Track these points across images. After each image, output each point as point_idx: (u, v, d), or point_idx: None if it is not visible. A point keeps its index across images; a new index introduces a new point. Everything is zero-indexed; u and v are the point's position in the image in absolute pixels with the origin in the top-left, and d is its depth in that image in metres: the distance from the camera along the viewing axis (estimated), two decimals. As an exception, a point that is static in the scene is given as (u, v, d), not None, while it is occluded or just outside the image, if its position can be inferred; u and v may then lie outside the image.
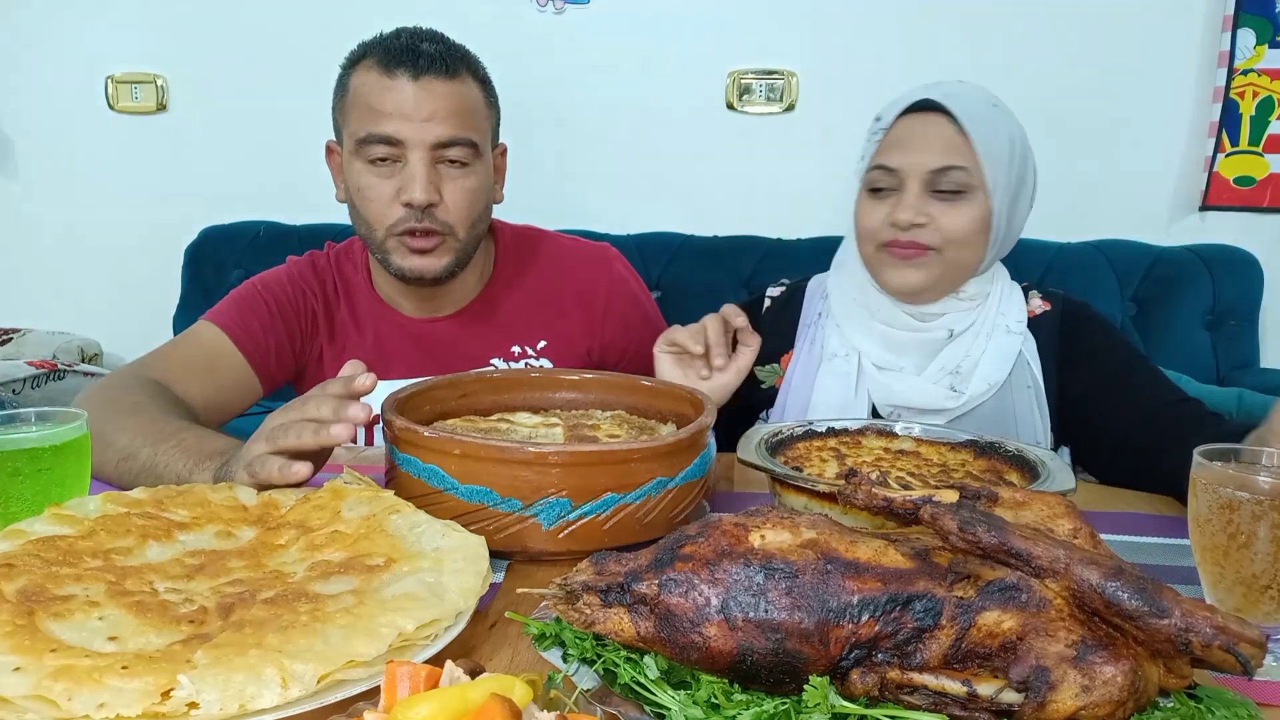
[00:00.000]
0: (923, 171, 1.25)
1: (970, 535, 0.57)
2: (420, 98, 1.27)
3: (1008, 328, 1.31)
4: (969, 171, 1.24)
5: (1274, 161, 2.68)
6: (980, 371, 1.28)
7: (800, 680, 0.57)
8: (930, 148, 1.25)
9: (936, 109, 1.26)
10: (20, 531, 0.75)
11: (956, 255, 1.27)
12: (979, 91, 1.30)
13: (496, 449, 0.83)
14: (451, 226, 1.32)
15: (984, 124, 1.25)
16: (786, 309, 1.46)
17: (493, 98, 1.38)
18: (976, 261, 1.30)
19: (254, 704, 0.56)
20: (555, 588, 0.63)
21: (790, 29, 2.77)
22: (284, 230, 2.72)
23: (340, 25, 2.78)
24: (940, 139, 1.25)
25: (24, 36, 2.86)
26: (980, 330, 1.31)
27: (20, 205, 2.96)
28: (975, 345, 1.30)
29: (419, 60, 1.27)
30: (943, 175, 1.24)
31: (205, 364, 1.34)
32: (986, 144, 1.24)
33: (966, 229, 1.25)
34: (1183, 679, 0.56)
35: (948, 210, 1.25)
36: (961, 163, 1.24)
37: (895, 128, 1.29)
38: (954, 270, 1.29)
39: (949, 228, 1.25)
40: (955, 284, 1.31)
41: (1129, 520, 1.05)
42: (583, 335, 1.48)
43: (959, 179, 1.24)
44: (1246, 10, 2.61)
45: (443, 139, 1.28)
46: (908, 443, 1.07)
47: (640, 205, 2.81)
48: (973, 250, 1.28)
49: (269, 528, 0.84)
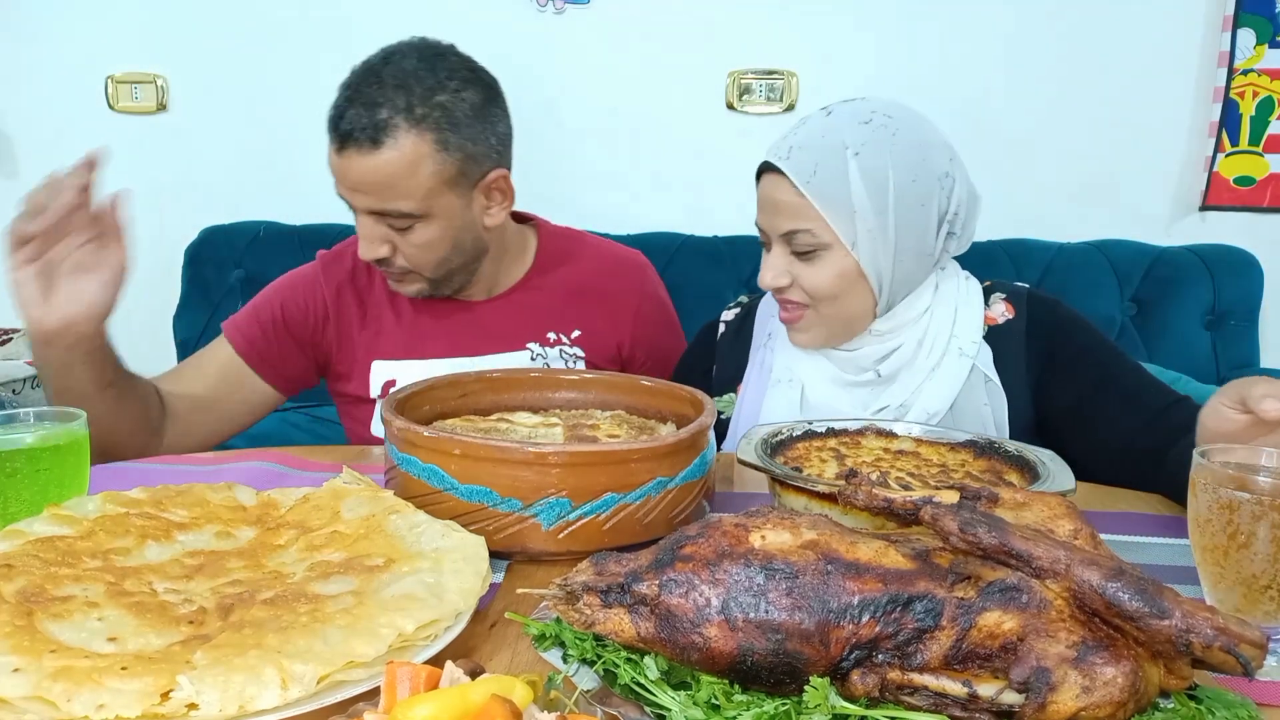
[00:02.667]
0: (777, 234, 1.22)
1: (971, 536, 0.57)
2: (343, 170, 1.29)
3: (960, 350, 1.25)
4: (813, 233, 1.19)
5: (1274, 161, 2.68)
6: (920, 403, 1.24)
7: (801, 681, 0.57)
8: (775, 210, 1.21)
9: (777, 169, 1.21)
10: (19, 532, 0.75)
11: (832, 310, 1.23)
12: (836, 134, 1.19)
13: (496, 449, 0.83)
14: (411, 269, 1.37)
15: (828, 178, 1.17)
16: (739, 335, 1.44)
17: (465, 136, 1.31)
18: (864, 307, 1.23)
19: (254, 705, 0.56)
20: (555, 588, 0.63)
21: (790, 29, 2.77)
22: (284, 230, 2.72)
23: (340, 25, 2.79)
24: (781, 202, 1.20)
25: (24, 36, 2.86)
26: (923, 366, 1.25)
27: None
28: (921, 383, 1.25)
29: (339, 132, 1.28)
30: (793, 238, 1.20)
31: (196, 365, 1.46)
32: (830, 201, 1.17)
33: (830, 285, 1.20)
34: (1183, 680, 0.56)
35: (807, 269, 1.21)
36: (804, 225, 1.19)
37: (759, 187, 1.25)
38: (839, 322, 1.25)
39: (811, 286, 1.21)
40: (852, 331, 1.26)
41: (1129, 520, 1.05)
42: (614, 331, 1.51)
43: (806, 241, 1.19)
44: (1246, 10, 2.61)
45: (370, 208, 1.30)
46: (907, 443, 1.06)
47: (640, 205, 2.81)
48: (850, 299, 1.22)
49: (268, 528, 0.84)
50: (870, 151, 1.18)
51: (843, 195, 1.17)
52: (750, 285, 2.59)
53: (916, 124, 1.23)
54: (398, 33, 2.15)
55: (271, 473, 1.13)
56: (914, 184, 1.19)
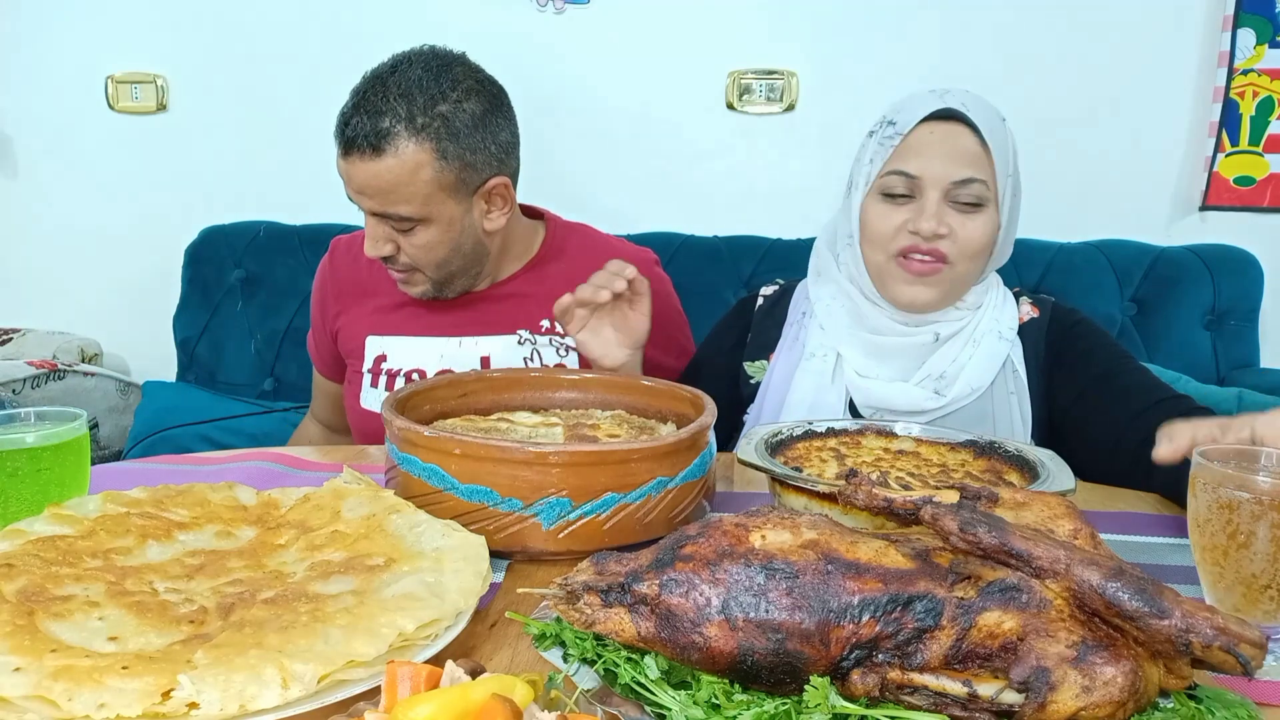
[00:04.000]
0: (945, 182, 1.23)
1: (971, 536, 0.57)
2: (349, 174, 1.35)
3: (1000, 334, 1.31)
4: (987, 185, 1.24)
5: (1274, 161, 2.68)
6: (965, 376, 1.28)
7: (801, 680, 0.57)
8: (953, 157, 1.24)
9: (956, 118, 1.25)
10: (20, 531, 0.75)
11: (967, 268, 1.28)
12: (988, 103, 1.29)
13: (497, 449, 0.83)
14: (415, 268, 1.42)
15: (998, 136, 1.26)
16: (776, 307, 1.48)
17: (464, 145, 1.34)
18: (980, 272, 1.31)
19: (254, 704, 0.56)
20: (556, 588, 0.63)
21: (790, 29, 2.76)
22: (284, 230, 2.71)
23: (341, 26, 2.79)
24: (963, 149, 1.24)
25: (24, 36, 2.86)
26: (970, 336, 1.31)
27: (20, 205, 2.96)
28: (964, 351, 1.30)
29: (345, 138, 1.33)
30: (963, 187, 1.23)
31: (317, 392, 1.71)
32: (1001, 157, 1.25)
33: (981, 241, 1.26)
34: (1183, 680, 0.56)
35: (965, 222, 1.24)
36: (981, 175, 1.24)
37: (914, 134, 1.26)
38: (960, 284, 1.30)
39: (966, 240, 1.24)
40: (958, 296, 1.32)
41: (1129, 520, 1.05)
42: None
43: (978, 192, 1.23)
44: (1246, 10, 2.60)
45: (374, 210, 1.35)
46: (907, 443, 1.06)
47: (640, 205, 2.81)
48: (979, 263, 1.29)
49: (269, 527, 0.84)
50: (1008, 126, 1.29)
51: (1007, 155, 1.26)
52: (751, 285, 2.59)
53: None
54: (397, 33, 2.18)
55: (272, 473, 1.13)
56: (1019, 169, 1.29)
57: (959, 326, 1.32)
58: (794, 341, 1.41)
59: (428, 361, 1.48)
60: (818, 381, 1.34)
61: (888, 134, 1.28)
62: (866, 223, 1.30)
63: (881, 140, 1.29)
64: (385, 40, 2.67)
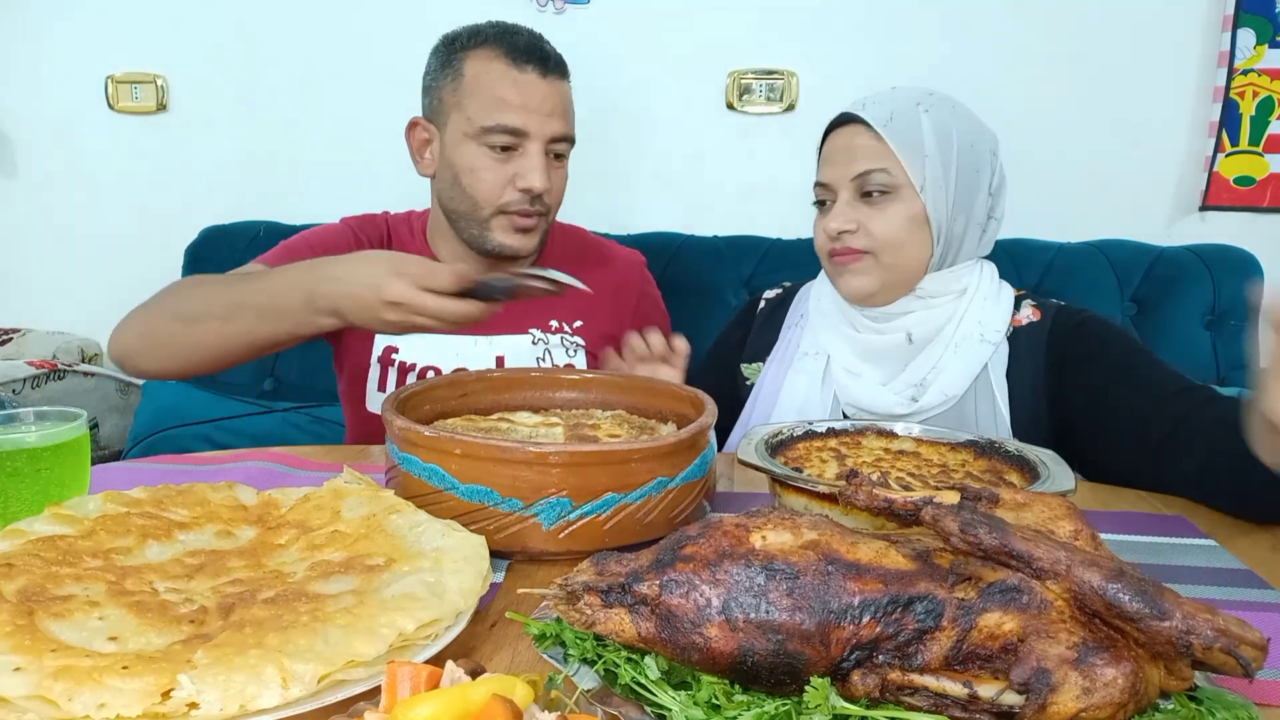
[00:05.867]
0: (846, 180, 1.29)
1: (971, 537, 0.57)
2: (546, 94, 1.39)
3: (982, 337, 1.30)
4: (889, 172, 1.27)
5: (1274, 161, 2.68)
6: (939, 384, 1.28)
7: (801, 681, 0.57)
8: (851, 156, 1.29)
9: (855, 120, 1.30)
10: (20, 531, 0.75)
11: (894, 257, 1.29)
12: (909, 95, 1.31)
13: (497, 449, 0.83)
14: (548, 209, 1.45)
15: (903, 124, 1.27)
16: (777, 311, 1.51)
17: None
18: (922, 258, 1.30)
19: (254, 704, 0.56)
20: (556, 588, 0.63)
21: (790, 29, 2.76)
22: (284, 230, 2.71)
23: (340, 26, 2.79)
24: (858, 147, 1.29)
25: (24, 36, 2.86)
26: (951, 339, 1.30)
27: (20, 205, 2.96)
28: (944, 357, 1.30)
29: (547, 61, 1.39)
30: (866, 179, 1.27)
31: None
32: (905, 143, 1.26)
33: (896, 228, 1.27)
34: (1183, 681, 0.56)
35: (875, 214, 1.28)
36: (879, 165, 1.27)
37: (825, 145, 1.34)
38: (897, 271, 1.30)
39: (878, 230, 1.28)
40: (905, 284, 1.32)
41: (1129, 520, 1.05)
42: (613, 325, 1.55)
43: (880, 180, 1.27)
44: (1246, 10, 2.60)
45: (558, 134, 1.41)
46: (908, 443, 1.06)
47: (640, 205, 2.81)
48: (912, 248, 1.29)
49: (269, 527, 0.84)
50: (937, 112, 1.29)
51: (915, 139, 1.27)
52: (751, 285, 2.59)
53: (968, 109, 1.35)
54: (397, 33, 2.19)
55: (272, 472, 1.13)
56: (971, 148, 1.29)
57: (935, 327, 1.31)
58: (788, 344, 1.43)
59: (444, 359, 1.47)
60: (809, 381, 1.36)
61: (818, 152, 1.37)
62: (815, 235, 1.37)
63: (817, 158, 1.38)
64: (385, 40, 2.68)
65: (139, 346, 1.28)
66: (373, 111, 2.70)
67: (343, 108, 2.78)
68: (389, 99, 2.14)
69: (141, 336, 1.27)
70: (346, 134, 2.79)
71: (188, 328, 1.23)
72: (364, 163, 2.75)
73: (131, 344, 1.29)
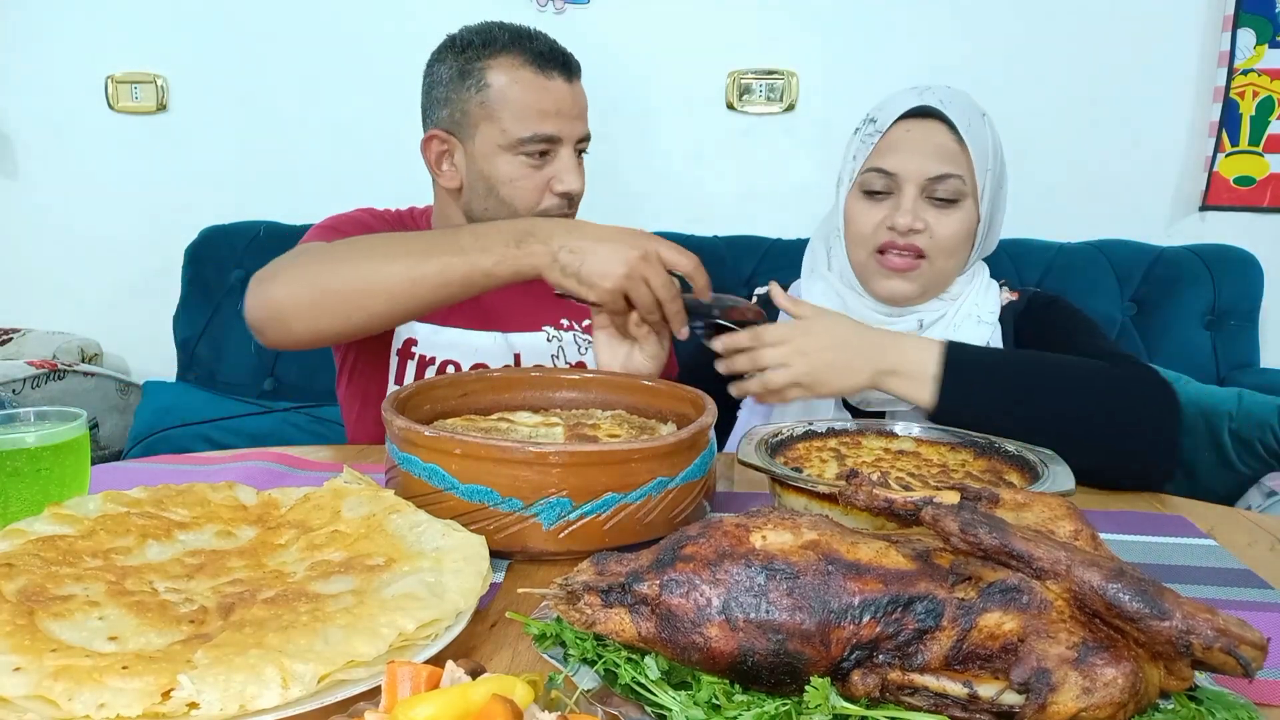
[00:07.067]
0: (921, 178, 1.26)
1: (972, 537, 0.57)
2: (574, 99, 1.40)
3: (979, 318, 1.34)
4: (963, 180, 1.26)
5: (1274, 161, 2.68)
6: None
7: (801, 681, 0.57)
8: (929, 154, 1.26)
9: (934, 115, 1.27)
10: (20, 531, 0.75)
11: (944, 264, 1.30)
12: (968, 99, 1.31)
13: (497, 449, 0.83)
14: (575, 210, 1.47)
15: (976, 132, 1.27)
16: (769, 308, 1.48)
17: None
18: (960, 266, 1.33)
19: (254, 704, 0.56)
20: (556, 588, 0.63)
21: (790, 29, 2.77)
22: (284, 230, 2.72)
23: (340, 26, 2.79)
24: (939, 146, 1.26)
25: (24, 36, 2.86)
26: (950, 321, 1.33)
27: (20, 205, 2.96)
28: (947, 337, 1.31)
29: (569, 64, 1.40)
30: (939, 183, 1.26)
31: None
32: (979, 152, 1.26)
33: (957, 237, 1.28)
34: (1183, 681, 0.56)
35: (941, 218, 1.27)
36: (958, 171, 1.26)
37: (892, 131, 1.29)
38: (940, 278, 1.32)
39: (942, 235, 1.27)
40: (940, 289, 1.34)
41: (1129, 520, 1.05)
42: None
43: (955, 187, 1.26)
44: (1246, 10, 2.61)
45: (584, 135, 1.43)
46: (908, 443, 1.06)
47: (640, 205, 2.81)
48: (959, 258, 1.31)
49: (269, 527, 0.84)
50: (990, 122, 1.30)
51: (984, 150, 1.27)
52: (751, 285, 2.59)
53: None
54: (396, 34, 2.18)
55: (272, 472, 1.13)
56: (1003, 164, 1.32)
57: (939, 315, 1.34)
58: None
59: (463, 354, 1.47)
60: None
61: (869, 131, 1.32)
62: (849, 219, 1.33)
63: (864, 137, 1.32)
64: (384, 41, 2.67)
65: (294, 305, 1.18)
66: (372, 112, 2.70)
67: (342, 108, 2.78)
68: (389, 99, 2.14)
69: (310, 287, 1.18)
70: (346, 134, 2.80)
71: (377, 267, 1.16)
72: (364, 163, 2.75)
73: (284, 302, 1.18)
